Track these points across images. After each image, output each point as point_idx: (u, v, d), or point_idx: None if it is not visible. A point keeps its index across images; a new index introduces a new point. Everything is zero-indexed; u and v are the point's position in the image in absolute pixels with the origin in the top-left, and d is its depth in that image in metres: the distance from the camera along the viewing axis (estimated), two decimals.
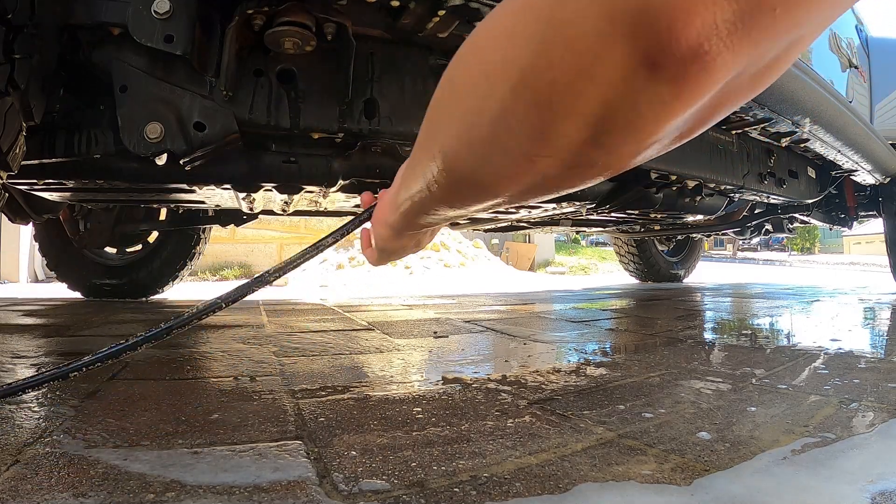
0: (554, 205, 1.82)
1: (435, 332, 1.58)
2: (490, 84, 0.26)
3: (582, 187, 0.31)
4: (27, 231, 5.60)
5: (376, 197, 0.58)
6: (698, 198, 2.08)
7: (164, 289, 3.00)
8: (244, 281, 0.66)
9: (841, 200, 3.14)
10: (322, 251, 0.65)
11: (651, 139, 0.25)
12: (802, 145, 1.98)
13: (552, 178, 0.29)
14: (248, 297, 0.71)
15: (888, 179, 2.66)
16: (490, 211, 0.36)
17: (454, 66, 0.30)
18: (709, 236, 4.07)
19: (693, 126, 0.27)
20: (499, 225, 2.60)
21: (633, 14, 0.20)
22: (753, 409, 0.78)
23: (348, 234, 0.64)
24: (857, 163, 2.20)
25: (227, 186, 1.30)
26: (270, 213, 1.92)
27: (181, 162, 1.02)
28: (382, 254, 0.58)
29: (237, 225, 2.43)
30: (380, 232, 0.55)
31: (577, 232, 3.66)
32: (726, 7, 0.19)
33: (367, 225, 0.61)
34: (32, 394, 0.84)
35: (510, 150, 0.28)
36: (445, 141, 0.32)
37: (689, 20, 0.19)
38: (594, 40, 0.21)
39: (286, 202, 1.67)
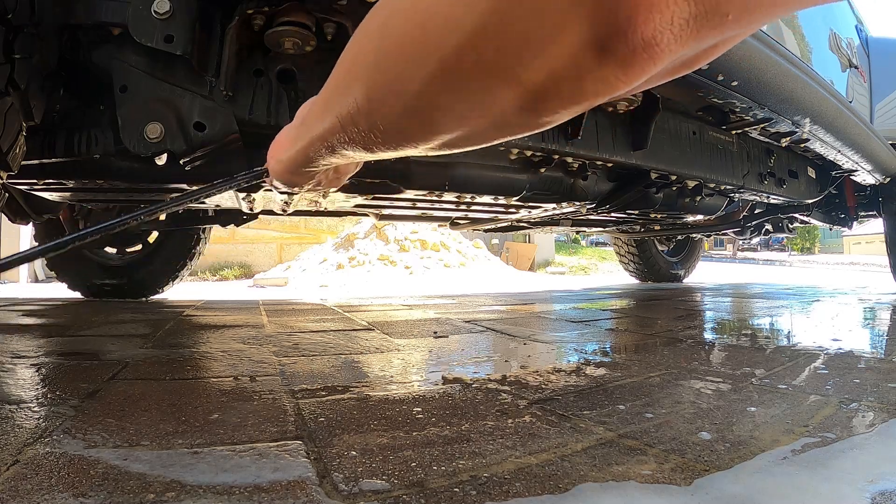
0: (553, 205, 1.82)
1: (435, 332, 1.58)
2: (428, 40, 0.25)
3: (500, 141, 0.31)
4: (27, 231, 5.61)
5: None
6: (698, 198, 2.08)
7: (164, 289, 3.00)
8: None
9: (841, 200, 3.14)
10: (195, 200, 0.58)
11: (585, 108, 0.26)
12: (802, 145, 1.98)
13: (477, 134, 0.30)
14: (249, 298, 0.72)
15: (888, 179, 2.66)
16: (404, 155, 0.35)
17: (386, 7, 0.28)
18: (709, 236, 4.07)
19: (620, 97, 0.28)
20: (499, 225, 2.60)
21: None
22: (753, 409, 0.78)
23: (238, 185, 0.60)
24: (857, 163, 2.20)
25: None
26: (270, 213, 1.92)
27: (181, 162, 1.02)
28: (281, 179, 0.54)
29: (237, 225, 2.43)
30: (273, 167, 0.52)
31: (577, 232, 3.66)
32: (685, 8, 0.20)
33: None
34: (32, 394, 0.84)
35: (441, 106, 0.28)
36: (370, 86, 0.30)
37: (650, 16, 0.20)
38: (553, 15, 0.21)
39: (286, 202, 1.66)
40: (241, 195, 1.49)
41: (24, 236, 6.16)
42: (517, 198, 1.62)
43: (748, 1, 0.21)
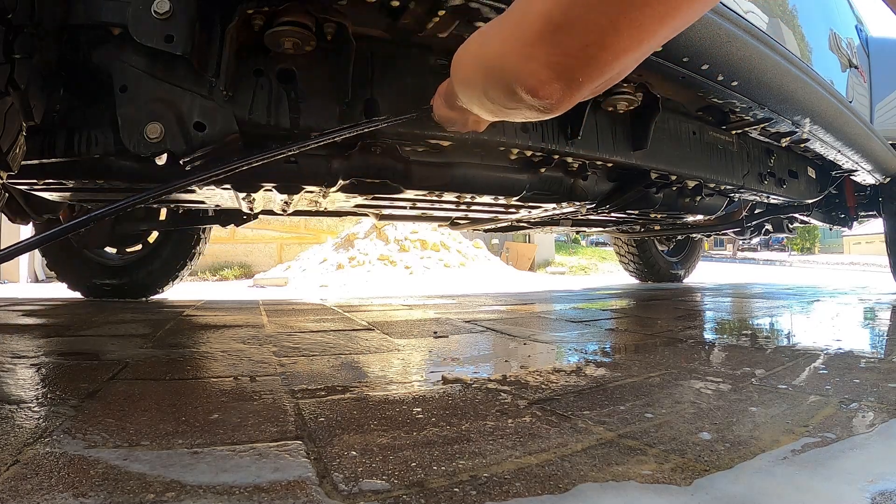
0: (554, 205, 1.82)
1: (435, 332, 1.58)
2: (472, 83, 0.61)
3: (522, 120, 0.64)
4: (27, 231, 5.61)
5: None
6: (698, 198, 2.07)
7: (164, 289, 3.00)
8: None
9: (841, 200, 3.14)
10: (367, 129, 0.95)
11: (544, 115, 0.54)
12: (802, 145, 1.98)
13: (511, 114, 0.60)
14: (249, 298, 0.72)
15: (888, 179, 2.65)
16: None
17: (461, 54, 0.63)
18: (709, 236, 4.07)
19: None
20: (499, 225, 2.60)
21: (516, 86, 0.50)
22: (754, 409, 0.78)
23: (410, 118, 0.95)
24: (857, 163, 2.20)
25: (227, 186, 1.30)
26: (270, 213, 1.92)
27: (181, 162, 1.02)
28: (442, 119, 0.90)
29: (237, 225, 2.42)
30: (436, 105, 0.88)
31: (577, 232, 3.66)
32: (557, 87, 0.48)
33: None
34: (32, 394, 0.84)
35: (486, 98, 0.60)
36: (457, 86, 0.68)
37: (538, 93, 0.49)
38: (505, 90, 0.53)
39: (286, 202, 1.66)
40: (242, 195, 1.49)
41: (24, 236, 6.16)
42: (517, 198, 1.62)
43: (587, 70, 0.45)
